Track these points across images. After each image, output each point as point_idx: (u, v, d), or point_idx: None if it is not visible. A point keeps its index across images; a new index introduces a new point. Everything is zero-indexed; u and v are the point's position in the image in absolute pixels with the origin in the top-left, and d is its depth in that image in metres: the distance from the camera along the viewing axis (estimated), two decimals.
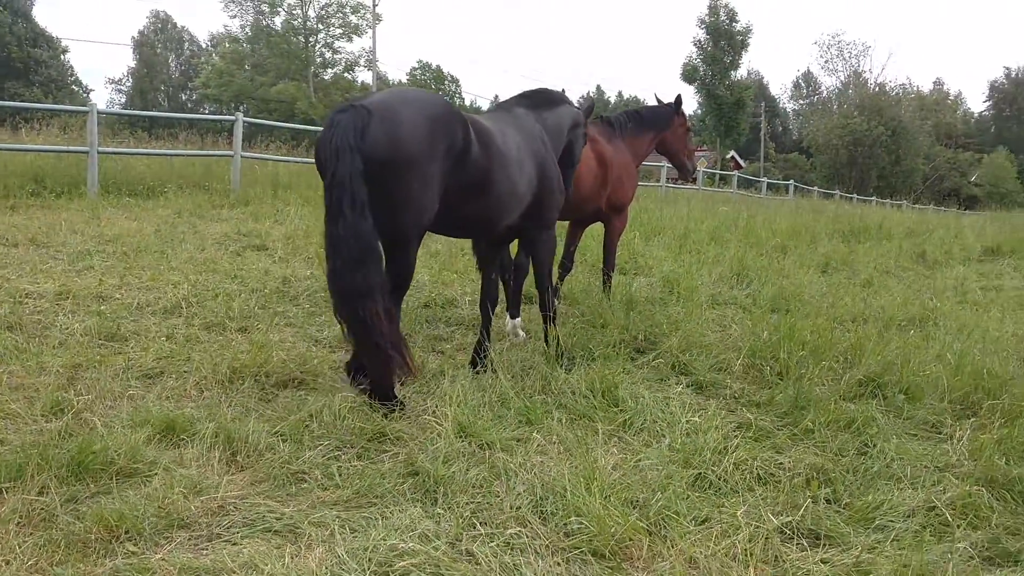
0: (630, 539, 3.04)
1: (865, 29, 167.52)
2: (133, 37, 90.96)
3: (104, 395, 4.17)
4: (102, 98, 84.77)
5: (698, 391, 5.21)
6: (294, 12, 47.43)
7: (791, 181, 38.97)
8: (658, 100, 7.91)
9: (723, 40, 53.90)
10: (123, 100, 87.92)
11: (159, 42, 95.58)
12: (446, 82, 79.43)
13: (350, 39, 48.64)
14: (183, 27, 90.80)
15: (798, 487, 3.70)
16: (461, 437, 3.93)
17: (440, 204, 4.38)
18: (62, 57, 71.33)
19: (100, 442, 3.36)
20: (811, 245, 12.84)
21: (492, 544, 2.97)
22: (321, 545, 2.91)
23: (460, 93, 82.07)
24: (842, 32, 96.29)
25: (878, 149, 61.88)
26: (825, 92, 79.87)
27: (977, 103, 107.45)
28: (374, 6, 46.15)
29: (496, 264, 5.61)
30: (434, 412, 4.17)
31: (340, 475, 3.49)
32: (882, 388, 5.26)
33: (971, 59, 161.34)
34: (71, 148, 14.23)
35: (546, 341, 5.59)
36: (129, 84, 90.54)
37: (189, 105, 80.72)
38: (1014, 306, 9.27)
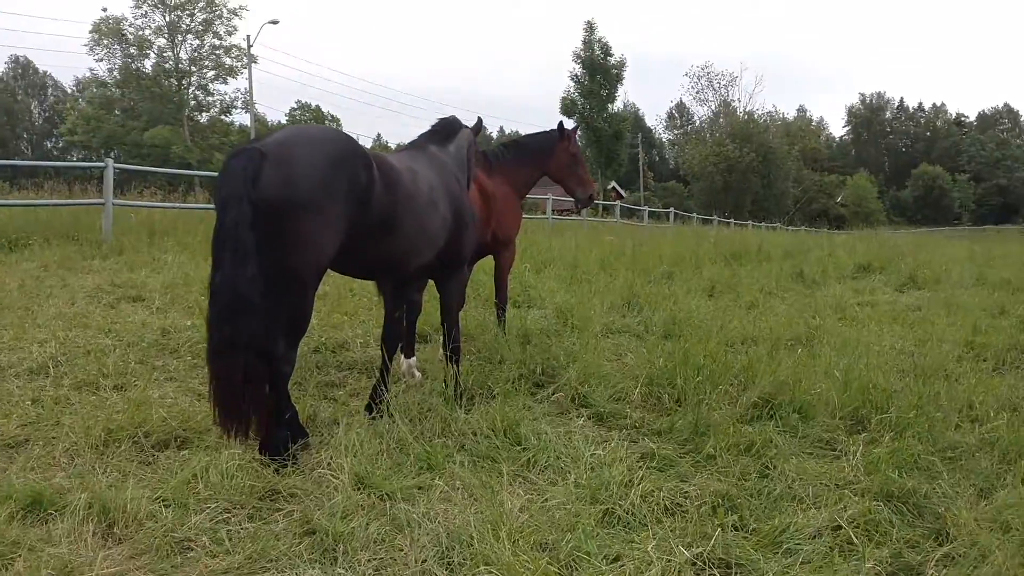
0: None
1: (731, 60, 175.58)
2: None
3: None
4: None
5: (599, 423, 5.17)
6: (164, 55, 46.09)
7: (671, 209, 40.12)
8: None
9: (599, 74, 55.37)
10: None
11: (20, 88, 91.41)
12: (326, 122, 78.64)
13: (225, 81, 47.64)
14: (46, 72, 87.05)
15: (705, 515, 3.67)
16: (359, 489, 3.74)
17: (345, 245, 4.23)
18: None
19: None
20: (696, 270, 13.13)
21: None
22: None
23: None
24: (710, 64, 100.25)
25: (750, 174, 64.61)
26: (698, 122, 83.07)
27: (837, 128, 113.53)
28: (249, 47, 45.34)
29: (403, 303, 5.46)
30: (329, 464, 3.97)
31: (230, 540, 3.26)
32: (777, 408, 5.33)
33: (829, 85, 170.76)
34: None
35: (445, 381, 5.45)
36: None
37: (55, 153, 77.16)
38: (889, 320, 9.66)
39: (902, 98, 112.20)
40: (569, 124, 7.91)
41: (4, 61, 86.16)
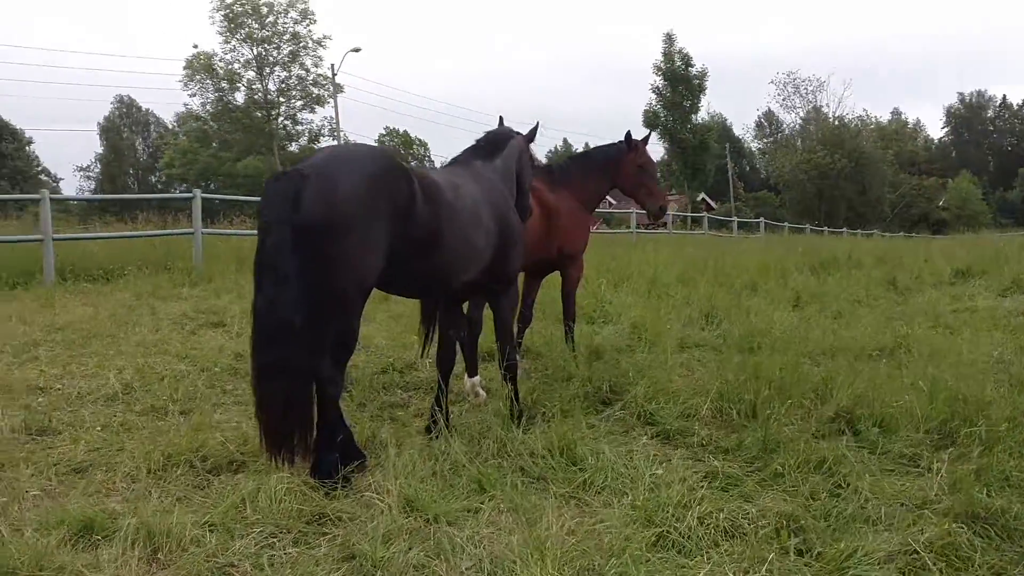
0: None
1: (818, 65, 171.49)
2: (99, 123, 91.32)
3: (20, 496, 3.86)
4: (71, 185, 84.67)
5: (665, 441, 4.98)
6: (254, 87, 47.72)
7: (761, 219, 39.20)
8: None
9: (680, 85, 54.72)
10: (92, 186, 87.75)
11: (125, 126, 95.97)
12: (414, 146, 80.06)
13: (312, 110, 48.97)
14: (148, 109, 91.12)
15: (766, 539, 3.46)
16: (407, 512, 3.67)
17: (388, 263, 4.20)
18: (27, 148, 71.40)
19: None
20: (781, 281, 12.71)
21: None
22: None
23: (429, 156, 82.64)
24: (796, 70, 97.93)
25: (843, 181, 62.68)
26: (787, 129, 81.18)
27: (936, 129, 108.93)
28: (333, 76, 46.62)
29: (455, 322, 5.41)
30: (378, 486, 3.90)
31: (271, 565, 3.22)
32: (855, 422, 5.05)
33: (923, 87, 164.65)
34: (24, 237, 13.94)
35: (503, 401, 5.35)
36: (98, 170, 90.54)
37: (159, 186, 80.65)
38: (988, 327, 9.11)
39: (1004, 95, 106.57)
40: (642, 133, 7.72)
41: (110, 101, 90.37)
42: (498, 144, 5.52)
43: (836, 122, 70.54)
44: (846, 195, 64.27)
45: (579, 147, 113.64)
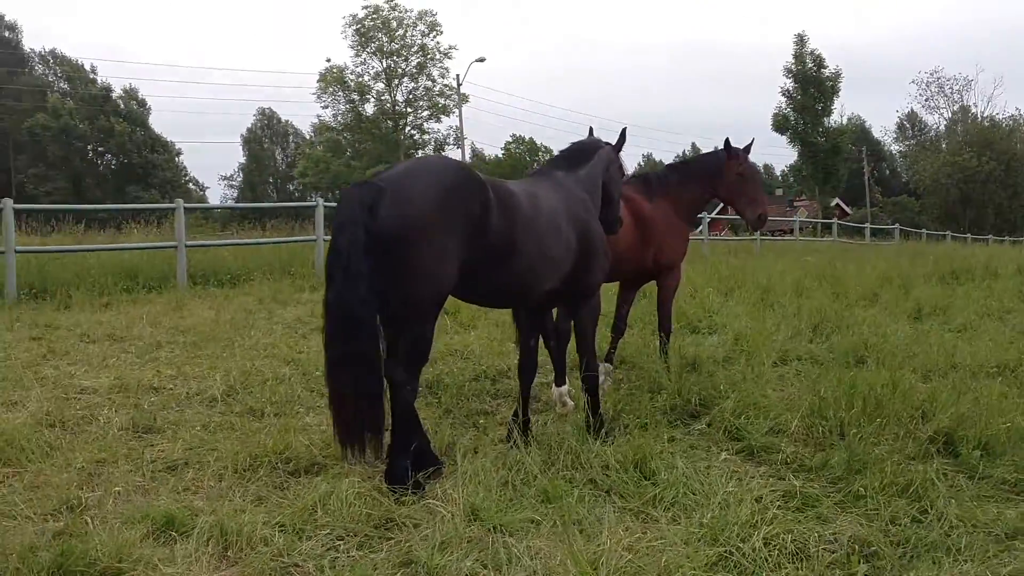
0: None
1: (963, 63, 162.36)
2: (242, 135, 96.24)
3: (116, 491, 4.12)
4: (216, 194, 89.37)
5: (748, 457, 4.85)
6: (383, 98, 49.15)
7: (896, 225, 37.46)
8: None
9: (812, 87, 52.88)
10: (235, 194, 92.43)
11: (266, 137, 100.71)
12: (540, 152, 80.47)
13: (439, 119, 50.05)
14: (287, 121, 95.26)
15: (835, 564, 3.32)
16: (471, 521, 3.71)
17: (465, 273, 4.29)
18: (176, 159, 75.97)
19: (85, 542, 3.29)
20: (903, 291, 12.10)
21: None
22: None
23: None
24: (940, 68, 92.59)
25: (992, 185, 59.05)
26: (933, 131, 77.09)
27: None
28: (459, 86, 47.49)
29: (537, 332, 5.44)
30: (447, 494, 3.97)
31: (332, 567, 3.33)
32: (955, 444, 4.78)
33: None
34: (160, 244, 14.84)
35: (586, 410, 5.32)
36: (240, 179, 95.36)
37: (296, 194, 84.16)
38: None
39: None
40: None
41: (253, 114, 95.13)
42: (584, 154, 5.51)
43: (987, 122, 66.48)
44: (994, 200, 60.56)
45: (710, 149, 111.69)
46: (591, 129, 6.10)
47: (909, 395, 5.48)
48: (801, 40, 54.12)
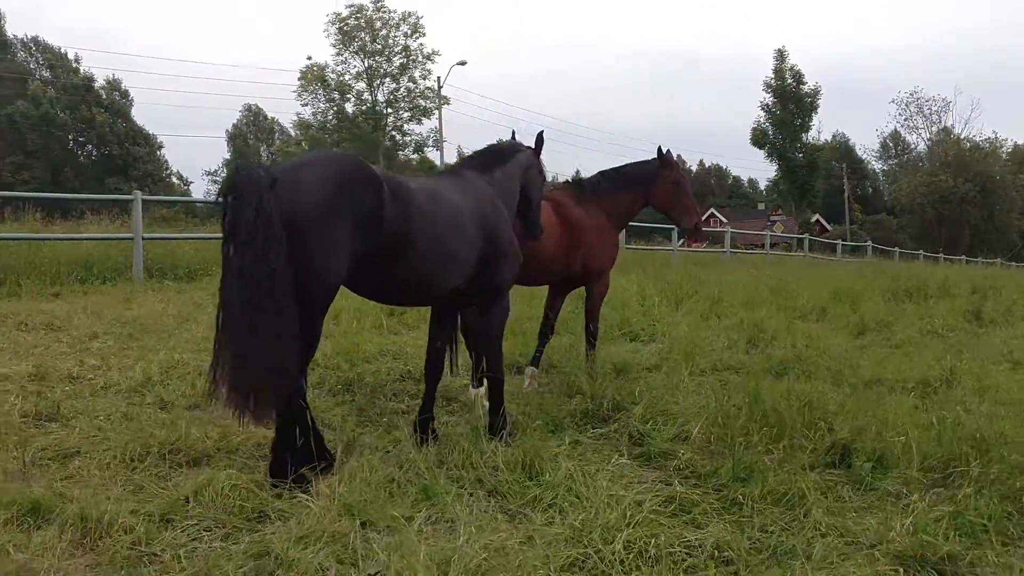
0: None
1: (942, 86, 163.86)
2: (227, 130, 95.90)
3: None
4: (200, 189, 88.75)
5: (646, 462, 4.88)
6: (363, 97, 49.12)
7: (868, 243, 37.75)
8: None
9: (791, 103, 53.28)
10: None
11: (251, 134, 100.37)
12: None
13: (420, 121, 50.00)
14: (273, 118, 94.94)
15: (693, 568, 3.35)
16: (344, 516, 3.71)
17: (360, 268, 4.29)
18: (158, 153, 75.56)
19: None
20: (852, 307, 12.19)
21: None
22: None
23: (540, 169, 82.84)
24: (919, 88, 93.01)
25: (967, 206, 59.57)
26: (915, 151, 77.69)
27: None
28: (439, 88, 47.61)
29: (446, 333, 5.45)
30: (324, 490, 3.96)
31: (187, 557, 3.32)
32: (850, 456, 4.82)
33: None
34: (116, 235, 14.71)
35: (487, 412, 5.33)
36: (224, 174, 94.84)
37: None
38: None
39: None
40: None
41: (239, 109, 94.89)
42: (500, 156, 5.52)
43: (967, 144, 67.05)
44: (970, 221, 61.08)
45: (693, 166, 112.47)
46: (513, 132, 6.12)
47: (816, 406, 5.52)
48: (781, 55, 54.58)
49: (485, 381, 6.22)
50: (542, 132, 6.01)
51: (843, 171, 74.32)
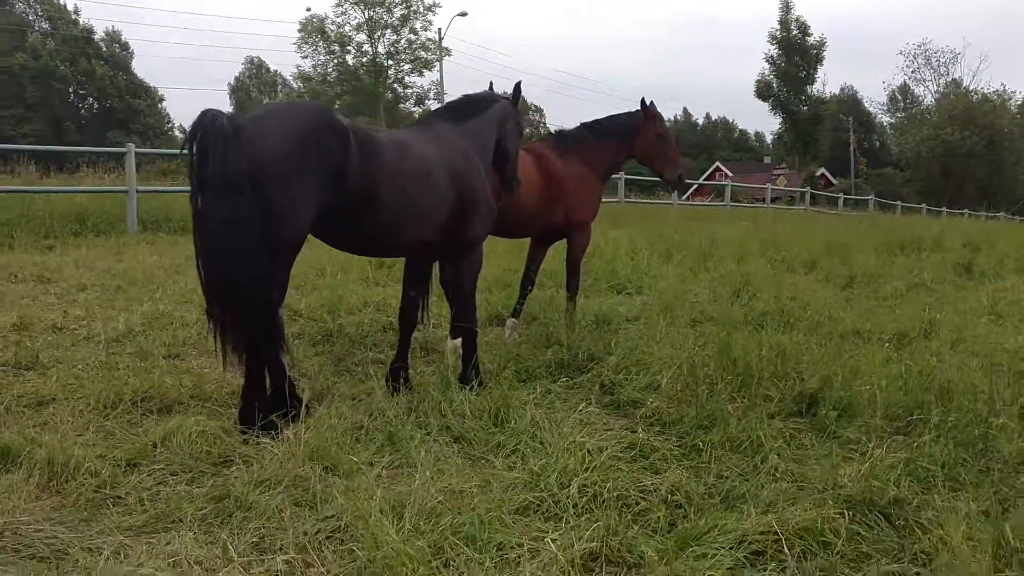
0: (405, 566, 2.84)
1: (951, 37, 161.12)
2: (229, 83, 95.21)
3: None
4: None
5: (615, 410, 4.95)
6: (363, 49, 48.63)
7: (871, 196, 37.58)
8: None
9: (796, 55, 52.62)
10: None
11: (254, 87, 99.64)
12: (530, 112, 79.84)
13: (420, 74, 49.51)
14: (276, 71, 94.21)
15: (644, 512, 3.42)
16: (309, 461, 3.78)
17: (327, 218, 4.35)
18: (159, 106, 75.17)
19: None
20: (843, 260, 12.20)
21: (255, 572, 2.83)
22: (77, 572, 2.82)
23: (544, 123, 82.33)
24: (928, 40, 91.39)
25: (973, 160, 59.14)
26: (923, 104, 76.87)
27: None
28: (440, 40, 47.07)
29: (420, 283, 5.49)
30: (291, 435, 4.04)
31: (152, 500, 3.41)
32: (817, 405, 4.89)
33: None
34: (109, 188, 14.68)
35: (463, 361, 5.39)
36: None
37: None
38: None
39: None
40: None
41: (240, 62, 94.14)
42: (474, 107, 5.50)
43: (975, 96, 66.28)
44: (976, 175, 60.71)
45: (700, 119, 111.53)
46: (491, 84, 6.09)
47: (789, 356, 5.57)
48: (787, 5, 53.82)
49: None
50: (519, 83, 5.97)
51: (849, 124, 73.59)
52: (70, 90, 69.88)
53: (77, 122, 69.03)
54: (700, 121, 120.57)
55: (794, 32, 53.04)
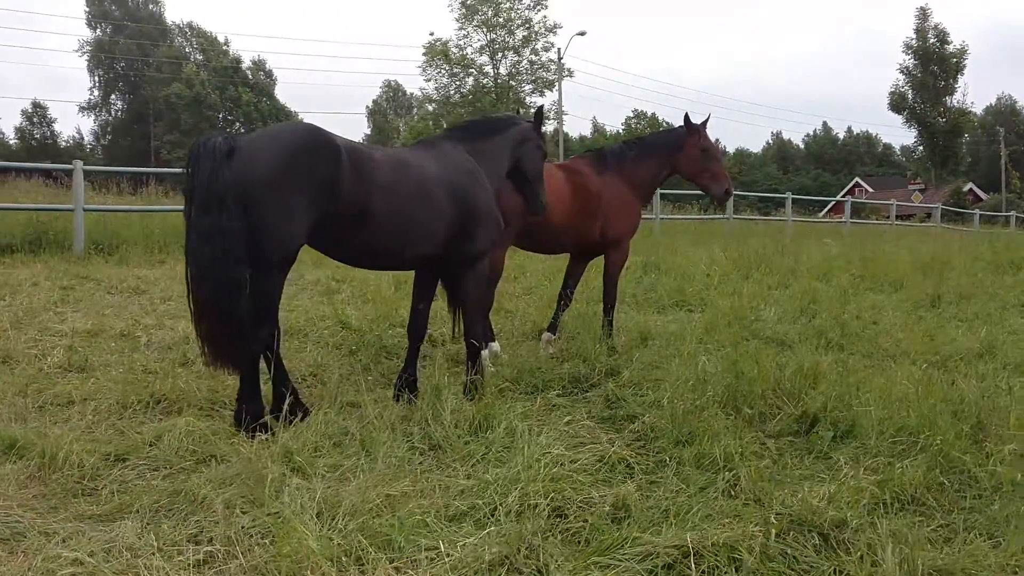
0: (310, 560, 2.99)
1: None
2: (367, 106, 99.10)
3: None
4: None
5: (609, 424, 4.96)
6: (485, 70, 49.53)
7: (1012, 213, 35.31)
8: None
9: (933, 64, 49.98)
10: None
11: (391, 109, 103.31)
12: (661, 126, 79.28)
13: (542, 94, 49.99)
14: (412, 94, 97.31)
15: (573, 524, 3.46)
16: (283, 462, 4.00)
17: (322, 233, 4.64)
18: None
19: None
20: (938, 277, 11.56)
21: (176, 560, 3.05)
22: (27, 553, 3.11)
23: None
24: None
25: None
26: None
27: None
28: (560, 59, 47.51)
29: (428, 295, 5.66)
30: (269, 437, 4.29)
31: (122, 491, 3.70)
32: (815, 425, 4.77)
33: None
34: (56, 206, 13.88)
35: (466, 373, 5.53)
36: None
37: None
38: None
39: None
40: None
41: (379, 86, 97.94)
42: (489, 128, 5.70)
43: None
44: None
45: (841, 131, 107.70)
46: (517, 110, 6.25)
47: (806, 375, 5.43)
48: (924, 14, 51.21)
49: (492, 344, 6.49)
50: (541, 107, 6.16)
51: (999, 136, 69.32)
52: (219, 116, 74.47)
53: None
54: (841, 135, 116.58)
55: (931, 41, 50.45)
